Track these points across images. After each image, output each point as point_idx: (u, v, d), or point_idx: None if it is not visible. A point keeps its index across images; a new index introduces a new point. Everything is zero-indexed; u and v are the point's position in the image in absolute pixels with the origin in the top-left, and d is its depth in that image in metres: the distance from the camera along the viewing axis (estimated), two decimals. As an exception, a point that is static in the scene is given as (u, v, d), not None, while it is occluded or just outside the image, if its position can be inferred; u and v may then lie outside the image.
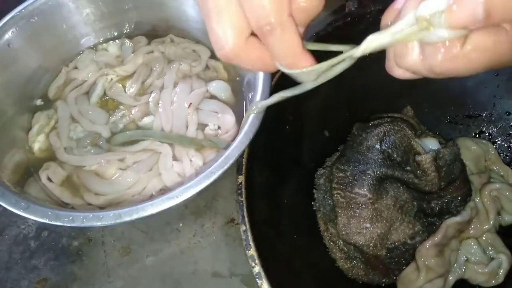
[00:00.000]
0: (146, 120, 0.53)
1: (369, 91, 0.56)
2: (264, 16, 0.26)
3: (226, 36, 0.28)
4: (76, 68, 0.57)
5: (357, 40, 0.31)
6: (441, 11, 0.22)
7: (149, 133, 0.51)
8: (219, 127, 0.52)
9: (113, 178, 0.49)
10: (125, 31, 0.60)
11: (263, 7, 0.26)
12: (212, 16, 0.28)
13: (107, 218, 0.38)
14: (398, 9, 0.26)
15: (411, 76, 0.27)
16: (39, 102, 0.55)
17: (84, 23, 0.57)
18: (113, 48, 0.59)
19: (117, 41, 0.59)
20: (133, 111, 0.53)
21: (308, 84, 0.33)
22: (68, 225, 0.39)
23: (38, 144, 0.52)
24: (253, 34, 0.29)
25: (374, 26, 0.52)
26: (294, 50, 0.28)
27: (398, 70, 0.27)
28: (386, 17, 0.27)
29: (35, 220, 0.40)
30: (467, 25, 0.21)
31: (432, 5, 0.22)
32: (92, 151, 0.51)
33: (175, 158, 0.50)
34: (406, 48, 0.25)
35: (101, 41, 0.59)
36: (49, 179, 0.49)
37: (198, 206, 0.56)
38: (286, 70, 0.30)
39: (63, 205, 0.48)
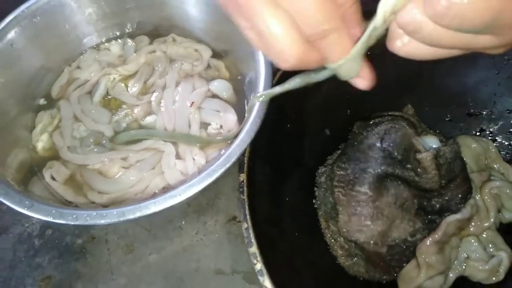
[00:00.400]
0: (149, 119, 0.53)
1: (370, 90, 0.56)
2: (316, 26, 0.27)
3: (288, 49, 0.28)
4: (78, 67, 0.58)
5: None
6: None
7: (153, 133, 0.52)
8: (221, 126, 0.52)
9: (116, 176, 0.50)
10: (127, 30, 0.60)
11: (314, 17, 0.27)
12: (267, 34, 0.28)
13: (111, 216, 0.39)
14: None
15: (411, 50, 0.26)
16: (42, 101, 0.55)
17: (87, 23, 0.57)
18: (115, 47, 0.59)
19: (119, 40, 0.60)
20: (135, 110, 0.54)
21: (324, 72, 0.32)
22: (72, 223, 0.39)
23: (41, 143, 0.52)
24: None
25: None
26: (346, 52, 0.29)
27: (398, 41, 0.26)
28: None
29: (39, 219, 0.40)
30: None
31: None
32: (96, 150, 0.51)
33: (178, 157, 0.50)
34: (409, 1, 0.23)
35: (103, 41, 0.59)
36: (53, 178, 0.49)
37: (201, 204, 0.56)
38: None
39: (67, 204, 0.48)
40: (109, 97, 0.56)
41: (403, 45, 0.26)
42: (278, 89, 0.38)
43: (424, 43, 0.25)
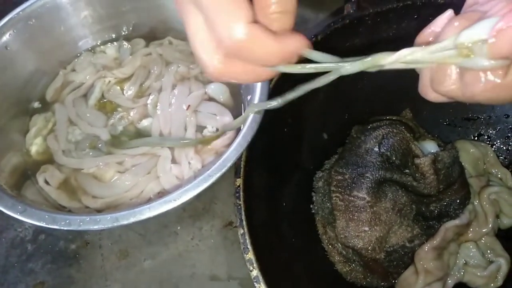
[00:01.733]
0: (145, 123, 0.53)
1: (368, 94, 0.56)
2: (226, 38, 0.25)
3: (205, 58, 0.27)
4: (73, 70, 0.57)
5: (355, 42, 0.31)
6: (483, 40, 0.21)
7: (154, 140, 0.51)
8: (217, 129, 0.52)
9: (112, 181, 0.49)
10: (123, 33, 0.60)
11: (225, 29, 0.25)
12: (191, 41, 0.28)
13: (104, 222, 0.38)
14: (434, 32, 0.26)
15: (445, 100, 0.27)
16: (36, 104, 0.55)
17: (82, 26, 0.56)
18: (111, 50, 0.59)
19: (115, 43, 0.59)
20: (131, 113, 0.53)
21: (322, 80, 0.31)
22: (65, 228, 0.38)
23: (35, 147, 0.52)
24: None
25: (373, 28, 0.53)
26: (274, 52, 0.26)
27: (432, 93, 0.27)
28: (421, 38, 0.27)
29: (32, 223, 0.39)
30: (510, 55, 0.21)
31: (473, 34, 0.22)
32: (91, 153, 0.51)
33: (173, 161, 0.50)
34: (444, 74, 0.25)
35: (99, 44, 0.59)
36: (46, 182, 0.49)
37: (196, 209, 0.56)
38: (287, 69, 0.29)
39: (60, 208, 0.47)
40: (105, 100, 0.55)
41: (436, 98, 0.28)
42: (275, 103, 0.36)
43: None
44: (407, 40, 0.28)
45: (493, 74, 0.22)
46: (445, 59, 0.24)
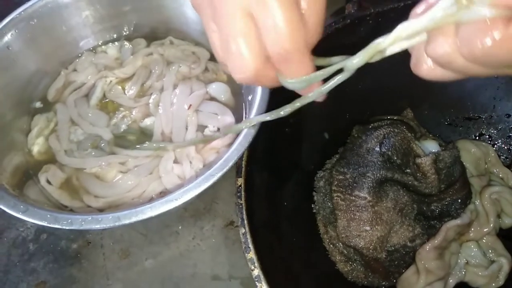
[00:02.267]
0: (147, 121, 0.53)
1: (369, 93, 0.56)
2: (282, 48, 0.27)
3: (247, 62, 0.28)
4: (75, 70, 0.57)
5: (357, 42, 0.31)
6: None
7: (180, 144, 0.51)
8: (218, 129, 0.52)
9: (114, 181, 0.49)
10: (124, 33, 0.60)
11: (283, 40, 0.27)
12: (232, 42, 0.28)
13: (106, 221, 0.38)
14: (430, 2, 0.24)
15: (438, 75, 0.26)
16: (38, 104, 0.55)
17: (83, 26, 0.56)
18: (112, 50, 0.59)
19: (116, 43, 0.59)
20: (133, 112, 0.53)
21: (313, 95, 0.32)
22: (67, 227, 0.38)
23: (37, 146, 0.52)
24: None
25: (374, 28, 0.52)
26: (306, 67, 0.29)
27: (424, 65, 0.26)
28: (417, 8, 0.25)
29: (34, 223, 0.39)
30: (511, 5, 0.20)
31: None
32: (93, 153, 0.51)
33: (175, 161, 0.50)
34: (440, 33, 0.23)
35: (100, 44, 0.59)
36: (48, 182, 0.49)
37: (198, 208, 0.56)
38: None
39: (62, 208, 0.48)
40: (106, 100, 0.55)
41: (429, 71, 0.26)
42: (269, 117, 0.37)
43: (452, 71, 0.25)
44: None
45: (494, 24, 0.21)
46: (444, 19, 0.22)
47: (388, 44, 0.26)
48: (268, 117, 0.37)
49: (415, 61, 0.26)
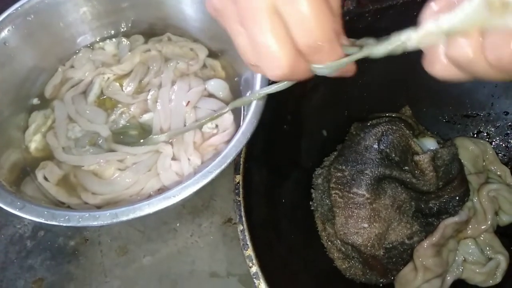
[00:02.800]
0: (146, 117, 0.53)
1: (368, 91, 0.56)
2: (312, 40, 0.27)
3: (281, 59, 0.28)
4: (72, 67, 0.57)
5: (355, 39, 0.31)
6: None
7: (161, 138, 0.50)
8: (216, 125, 0.52)
9: (112, 178, 0.49)
10: (122, 29, 0.59)
11: (313, 32, 0.27)
12: (262, 41, 0.28)
13: (104, 218, 0.38)
14: (450, 0, 0.23)
15: (451, 75, 0.25)
16: (35, 101, 0.55)
17: (81, 22, 0.56)
18: (110, 46, 0.58)
19: (114, 39, 0.59)
20: (132, 108, 0.53)
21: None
22: (64, 224, 0.38)
23: (34, 143, 0.51)
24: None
25: (373, 25, 0.52)
26: (335, 57, 0.29)
27: (439, 64, 0.25)
28: (434, 5, 0.25)
29: (31, 220, 0.39)
30: None
31: None
32: (91, 150, 0.51)
33: (173, 158, 0.50)
34: (463, 34, 0.22)
35: (97, 40, 0.59)
36: (45, 178, 0.49)
37: (196, 205, 0.56)
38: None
39: (59, 204, 0.47)
40: (104, 97, 0.55)
41: (443, 71, 0.25)
42: (275, 87, 0.37)
43: (467, 73, 0.24)
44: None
45: None
46: (477, 22, 0.21)
47: (416, 39, 0.25)
48: (277, 87, 0.36)
49: (429, 59, 0.26)
